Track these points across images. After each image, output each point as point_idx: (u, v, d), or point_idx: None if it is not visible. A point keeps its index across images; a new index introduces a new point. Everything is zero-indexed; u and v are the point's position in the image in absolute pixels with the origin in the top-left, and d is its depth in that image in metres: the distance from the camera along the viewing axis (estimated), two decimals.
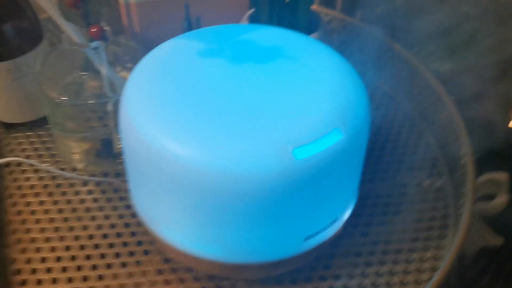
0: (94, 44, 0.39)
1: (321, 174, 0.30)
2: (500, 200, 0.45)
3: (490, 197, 0.46)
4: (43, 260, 0.37)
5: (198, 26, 0.54)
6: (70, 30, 0.39)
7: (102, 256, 0.38)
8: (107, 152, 0.44)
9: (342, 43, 0.57)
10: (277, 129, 0.29)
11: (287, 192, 0.29)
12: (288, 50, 0.35)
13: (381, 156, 0.46)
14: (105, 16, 0.41)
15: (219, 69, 0.33)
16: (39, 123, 0.48)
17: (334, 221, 0.34)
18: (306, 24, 0.46)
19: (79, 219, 0.40)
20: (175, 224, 0.32)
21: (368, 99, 0.34)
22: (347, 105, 0.31)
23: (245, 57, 0.34)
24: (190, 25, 0.54)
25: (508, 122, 0.56)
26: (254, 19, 0.47)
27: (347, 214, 0.36)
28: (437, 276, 0.34)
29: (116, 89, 0.41)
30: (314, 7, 0.58)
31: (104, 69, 0.40)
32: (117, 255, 0.38)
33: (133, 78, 0.34)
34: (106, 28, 0.40)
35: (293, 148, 0.29)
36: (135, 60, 0.36)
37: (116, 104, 0.33)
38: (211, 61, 0.34)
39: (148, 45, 0.40)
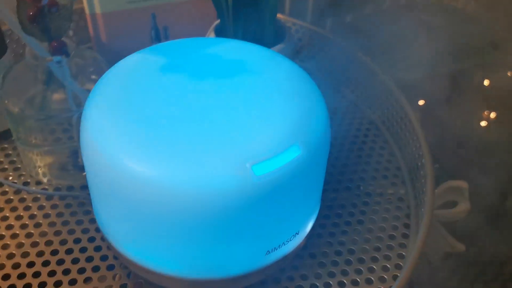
0: (57, 58, 0.39)
1: (281, 189, 0.30)
2: (462, 207, 0.46)
3: (453, 204, 0.47)
4: (6, 277, 0.37)
5: (166, 36, 0.55)
6: (32, 45, 0.39)
7: (66, 272, 0.37)
8: (73, 165, 0.43)
9: (309, 52, 0.58)
10: (236, 146, 0.30)
11: (248, 208, 0.30)
12: (249, 64, 0.35)
13: (346, 165, 0.47)
14: (68, 30, 0.40)
15: (180, 85, 0.33)
16: (3, 135, 0.47)
17: (295, 234, 0.34)
18: (272, 35, 0.46)
19: (43, 234, 0.40)
20: (136, 241, 0.32)
21: (328, 114, 0.34)
22: (306, 121, 0.32)
23: (207, 72, 0.34)
24: (157, 35, 0.54)
25: (469, 129, 0.58)
26: (220, 30, 0.47)
27: (309, 226, 0.36)
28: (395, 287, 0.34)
29: (80, 102, 0.41)
30: (282, 17, 0.59)
31: (67, 83, 0.40)
32: (81, 270, 0.37)
33: (94, 93, 0.34)
34: (68, 42, 0.40)
35: (252, 164, 0.29)
36: (100, 71, 0.36)
37: (80, 118, 0.33)
38: (173, 76, 0.34)
39: (115, 55, 0.40)
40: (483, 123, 0.67)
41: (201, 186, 0.29)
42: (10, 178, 0.44)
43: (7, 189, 0.43)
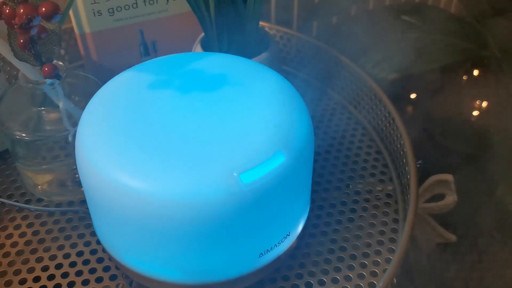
0: (49, 81, 0.40)
1: (268, 194, 0.32)
2: (449, 199, 0.47)
3: (441, 196, 0.49)
4: None
5: (155, 50, 0.56)
6: (25, 69, 0.40)
7: (71, 284, 0.39)
8: (72, 181, 0.45)
9: (294, 57, 0.60)
10: (224, 156, 0.31)
11: (238, 214, 0.31)
12: (233, 77, 0.37)
13: (335, 165, 0.49)
14: (58, 53, 0.42)
15: (169, 101, 0.35)
16: (3, 156, 0.49)
17: (286, 236, 0.36)
18: (256, 44, 0.48)
19: (46, 249, 0.41)
20: (134, 251, 0.34)
21: (310, 119, 0.36)
22: (289, 128, 0.34)
23: (193, 86, 0.36)
24: (146, 50, 0.56)
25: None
26: (205, 42, 0.49)
27: (299, 227, 0.38)
28: (382, 282, 0.36)
29: (75, 121, 0.43)
30: (267, 24, 0.60)
31: (61, 104, 0.42)
32: (85, 282, 0.39)
33: (87, 112, 0.36)
34: (60, 63, 0.42)
35: (239, 173, 0.31)
36: (92, 90, 0.37)
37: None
38: (162, 92, 0.36)
39: (106, 72, 0.41)
40: (475, 113, 0.69)
41: (192, 197, 0.30)
42: (13, 196, 0.46)
43: (9, 208, 0.45)
